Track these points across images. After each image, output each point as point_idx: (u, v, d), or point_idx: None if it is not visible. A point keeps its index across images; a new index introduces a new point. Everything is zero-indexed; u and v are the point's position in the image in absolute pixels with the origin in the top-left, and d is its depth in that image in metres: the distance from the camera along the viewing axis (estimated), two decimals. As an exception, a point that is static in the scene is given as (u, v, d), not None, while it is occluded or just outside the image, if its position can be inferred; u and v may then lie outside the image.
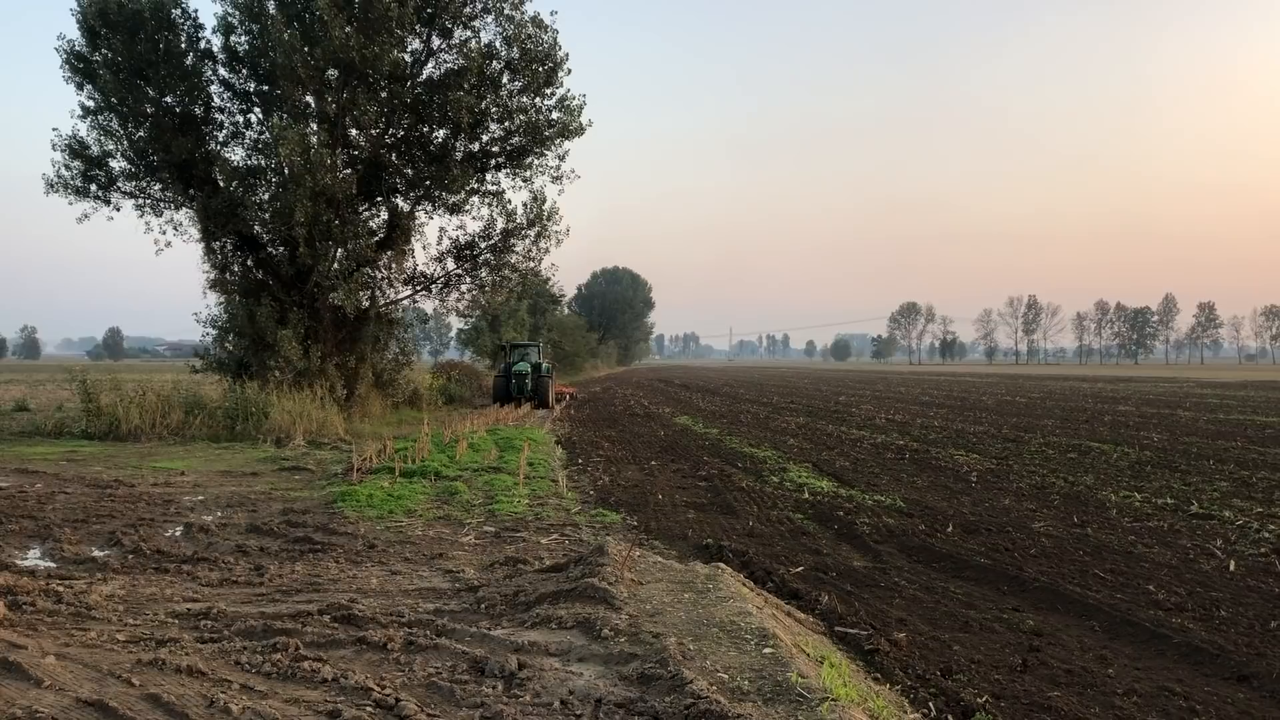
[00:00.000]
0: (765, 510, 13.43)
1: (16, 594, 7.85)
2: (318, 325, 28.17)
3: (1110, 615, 8.11)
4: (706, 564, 9.02)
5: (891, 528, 12.00)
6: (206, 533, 11.29)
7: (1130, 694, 6.39)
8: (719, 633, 6.61)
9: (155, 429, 23.54)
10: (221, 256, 28.67)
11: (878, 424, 29.64)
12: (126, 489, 14.85)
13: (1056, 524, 12.36)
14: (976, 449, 21.79)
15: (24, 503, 13.18)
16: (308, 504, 13.69)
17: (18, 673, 5.77)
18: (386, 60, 26.04)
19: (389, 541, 10.94)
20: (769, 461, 19.21)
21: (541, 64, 27.78)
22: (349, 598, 7.83)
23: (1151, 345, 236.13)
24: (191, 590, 8.51)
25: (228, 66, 28.64)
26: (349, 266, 27.60)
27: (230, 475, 16.99)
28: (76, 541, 10.65)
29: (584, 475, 17.23)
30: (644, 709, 5.26)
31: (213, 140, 28.60)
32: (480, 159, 29.31)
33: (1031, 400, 44.99)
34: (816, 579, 9.37)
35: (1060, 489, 15.42)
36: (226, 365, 29.17)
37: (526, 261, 30.88)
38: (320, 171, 25.43)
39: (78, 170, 27.80)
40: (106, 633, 6.91)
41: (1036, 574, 9.54)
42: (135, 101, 26.59)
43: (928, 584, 9.35)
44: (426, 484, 15.46)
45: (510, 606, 7.52)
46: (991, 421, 30.62)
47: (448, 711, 5.37)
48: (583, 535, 11.41)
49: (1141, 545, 11.00)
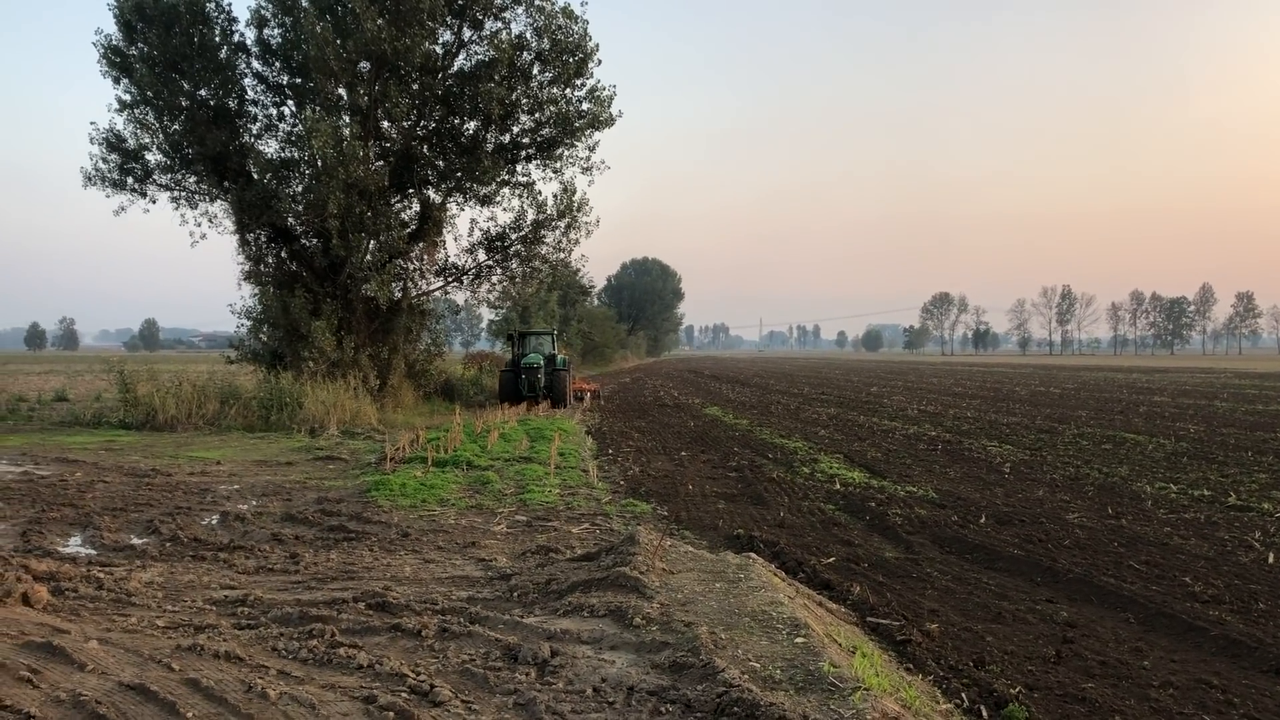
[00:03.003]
0: (796, 501, 13.41)
1: (59, 580, 7.99)
2: (351, 316, 28.37)
3: (1145, 607, 8.05)
4: (738, 554, 9.03)
5: (924, 519, 11.95)
6: (242, 521, 11.43)
7: (1166, 686, 6.34)
8: (750, 622, 6.62)
9: (191, 419, 23.83)
10: (256, 248, 28.93)
11: (910, 415, 29.50)
12: (164, 478, 15.05)
13: (1091, 515, 12.26)
14: (1010, 440, 21.64)
15: (65, 491, 13.40)
16: (342, 493, 13.81)
17: (62, 657, 5.88)
18: (418, 52, 26.16)
19: (422, 530, 11.02)
20: (800, 452, 19.17)
21: (572, 55, 27.81)
22: (383, 585, 7.91)
23: (1188, 335, 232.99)
24: (228, 577, 8.62)
25: (261, 59, 28.88)
26: (381, 258, 27.76)
27: (265, 465, 17.17)
28: (116, 529, 10.81)
29: (614, 465, 17.27)
30: (676, 697, 5.28)
31: (246, 133, 28.85)
32: (511, 150, 29.40)
33: (1065, 391, 44.58)
34: (848, 570, 9.35)
35: (1095, 480, 15.29)
36: (261, 356, 29.47)
37: (557, 253, 30.99)
38: (353, 164, 25.59)
39: (115, 163, 28.15)
40: (146, 618, 7.02)
41: (1070, 565, 9.47)
42: (170, 95, 26.86)
43: (960, 575, 9.31)
44: (459, 473, 15.55)
45: (542, 595, 7.56)
46: (1025, 412, 30.38)
47: (481, 698, 5.42)
48: (613, 525, 11.44)
49: (1178, 537, 10.89)
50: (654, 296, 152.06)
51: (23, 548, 9.69)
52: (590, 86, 28.54)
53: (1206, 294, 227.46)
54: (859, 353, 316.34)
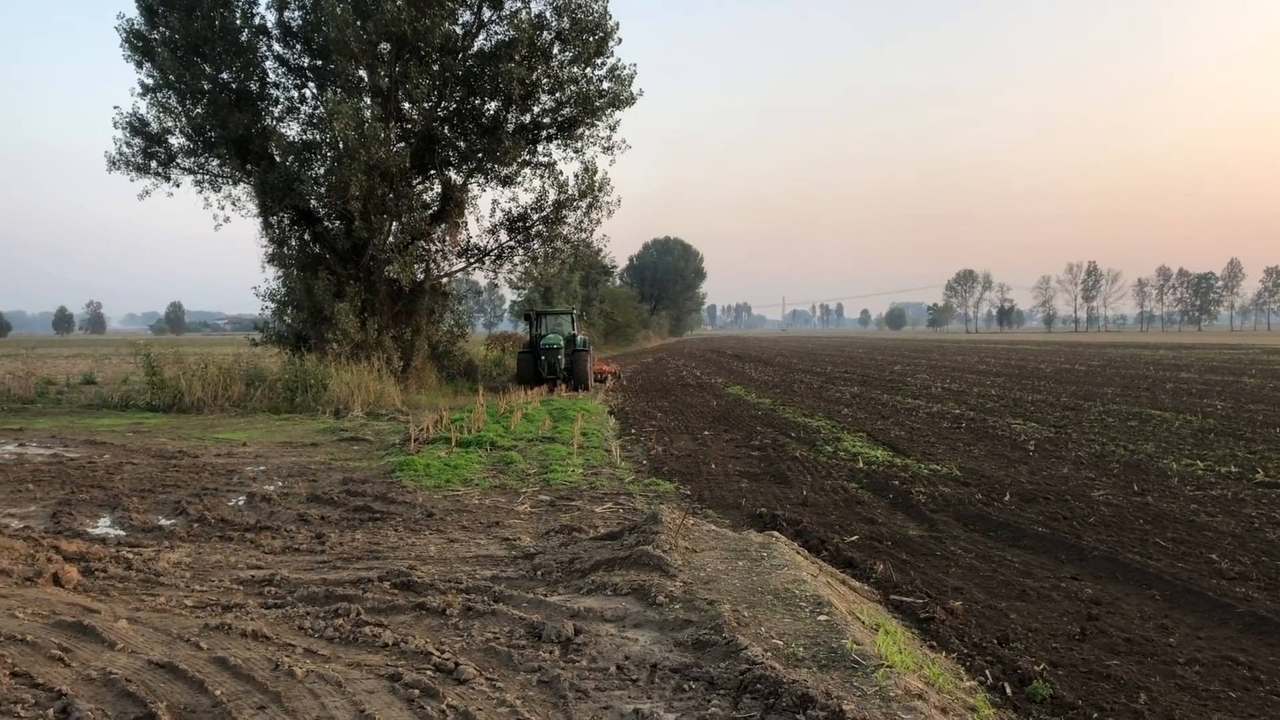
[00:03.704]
0: (819, 480, 13.39)
1: (89, 560, 8.10)
2: (374, 298, 28.48)
3: (1171, 584, 8.00)
4: (760, 532, 9.03)
5: (947, 497, 11.91)
6: (268, 502, 11.53)
7: (1192, 663, 6.30)
8: (773, 600, 6.62)
9: (217, 401, 24.04)
10: (279, 231, 29.07)
11: (933, 393, 29.37)
12: (190, 459, 15.19)
13: (1116, 493, 12.18)
14: (1034, 417, 21.51)
15: (93, 473, 13.56)
16: (367, 474, 13.91)
17: (93, 635, 5.96)
18: (438, 33, 26.13)
19: (446, 510, 11.09)
20: (823, 431, 19.13)
21: (592, 33, 27.70)
22: (408, 565, 7.97)
23: (1215, 311, 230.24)
24: (255, 558, 8.70)
25: (282, 42, 28.92)
26: (404, 239, 27.82)
27: (290, 446, 17.30)
28: (144, 510, 10.93)
29: (637, 445, 17.30)
30: (699, 675, 5.30)
31: (268, 116, 28.94)
32: (531, 130, 29.35)
33: (1091, 368, 44.25)
34: (871, 548, 9.34)
35: (1120, 457, 15.19)
36: (285, 338, 29.65)
37: (578, 233, 30.94)
38: (374, 145, 25.64)
39: (138, 147, 28.31)
40: (175, 598, 7.11)
41: (1095, 543, 9.42)
42: (192, 78, 26.96)
43: (984, 553, 9.28)
44: (482, 454, 15.62)
45: (566, 573, 7.60)
46: (1050, 390, 30.18)
47: (506, 676, 5.46)
48: (636, 504, 11.47)
49: (1204, 514, 10.81)
50: (676, 276, 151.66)
51: (53, 529, 9.82)
52: (611, 65, 28.46)
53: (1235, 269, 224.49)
54: (882, 331, 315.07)
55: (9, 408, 24.50)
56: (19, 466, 14.14)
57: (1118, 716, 5.45)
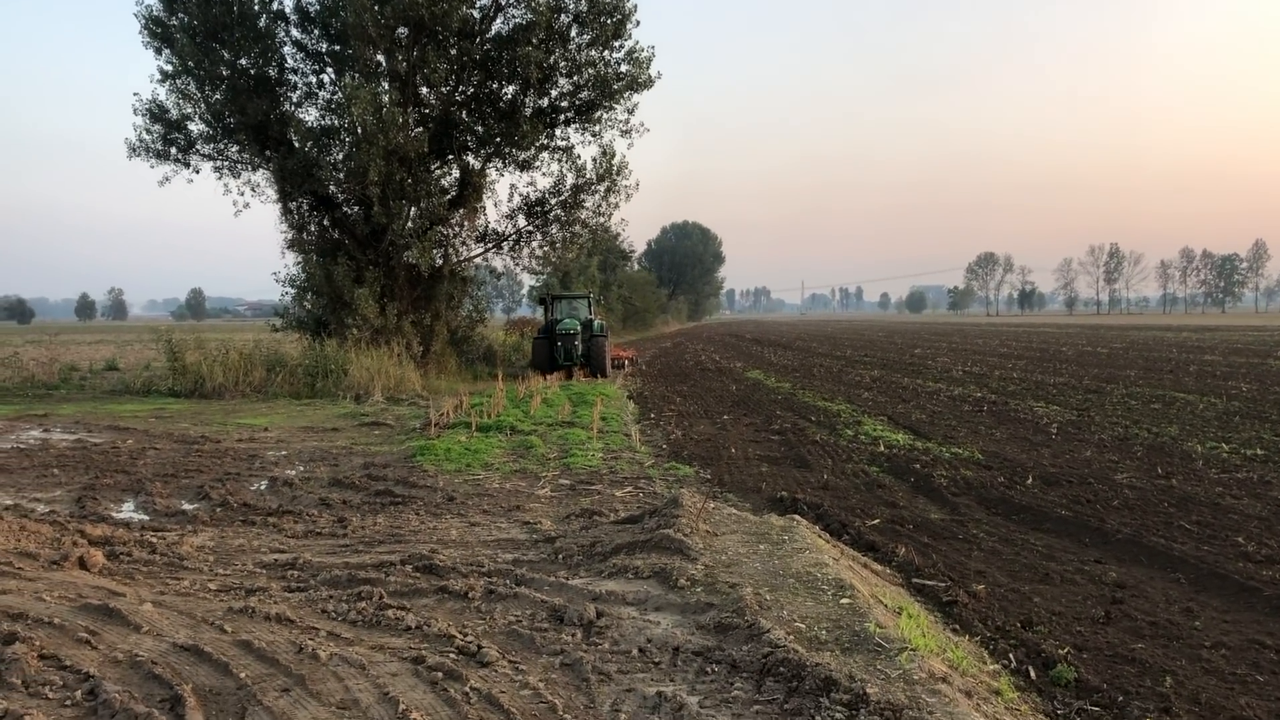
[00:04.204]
0: (840, 463, 13.35)
1: (114, 544, 8.16)
2: (393, 283, 28.54)
3: (1197, 567, 7.94)
4: (781, 516, 9.01)
5: (969, 480, 11.85)
6: (290, 486, 11.59)
7: (1218, 647, 6.25)
8: (795, 583, 6.61)
9: (238, 386, 24.17)
10: (298, 216, 29.13)
11: (954, 376, 29.23)
12: (213, 445, 15.28)
13: (1140, 475, 12.09)
14: (1056, 400, 21.38)
15: (117, 458, 13.66)
16: (388, 458, 13.95)
17: (118, 619, 6.01)
18: (455, 17, 26.07)
19: (467, 494, 11.12)
20: (843, 415, 19.07)
21: (610, 16, 27.58)
22: (430, 548, 7.99)
23: (1240, 293, 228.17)
24: (278, 541, 8.75)
25: (300, 27, 28.93)
26: (422, 225, 27.85)
27: (312, 431, 17.38)
28: (167, 495, 11.01)
29: (656, 430, 17.29)
30: (721, 658, 5.30)
31: (287, 101, 28.96)
32: (549, 114, 29.28)
33: (1113, 351, 43.94)
34: (893, 531, 9.30)
35: (1144, 440, 15.08)
36: (305, 324, 29.77)
37: (596, 217, 30.85)
38: (392, 130, 25.64)
39: (158, 134, 28.39)
40: (198, 582, 7.15)
41: (1119, 526, 9.36)
42: (211, 64, 27.00)
43: (1007, 536, 9.24)
44: (502, 438, 15.65)
45: (587, 557, 7.60)
46: (1072, 372, 29.99)
47: (528, 658, 5.47)
48: (656, 488, 11.46)
49: (1230, 497, 10.72)
50: (694, 260, 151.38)
51: (78, 513, 9.90)
52: (629, 48, 28.32)
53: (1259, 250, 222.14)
54: (902, 314, 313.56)
55: (33, 393, 24.72)
56: (44, 452, 14.27)
57: (1143, 700, 5.41)
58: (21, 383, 26.64)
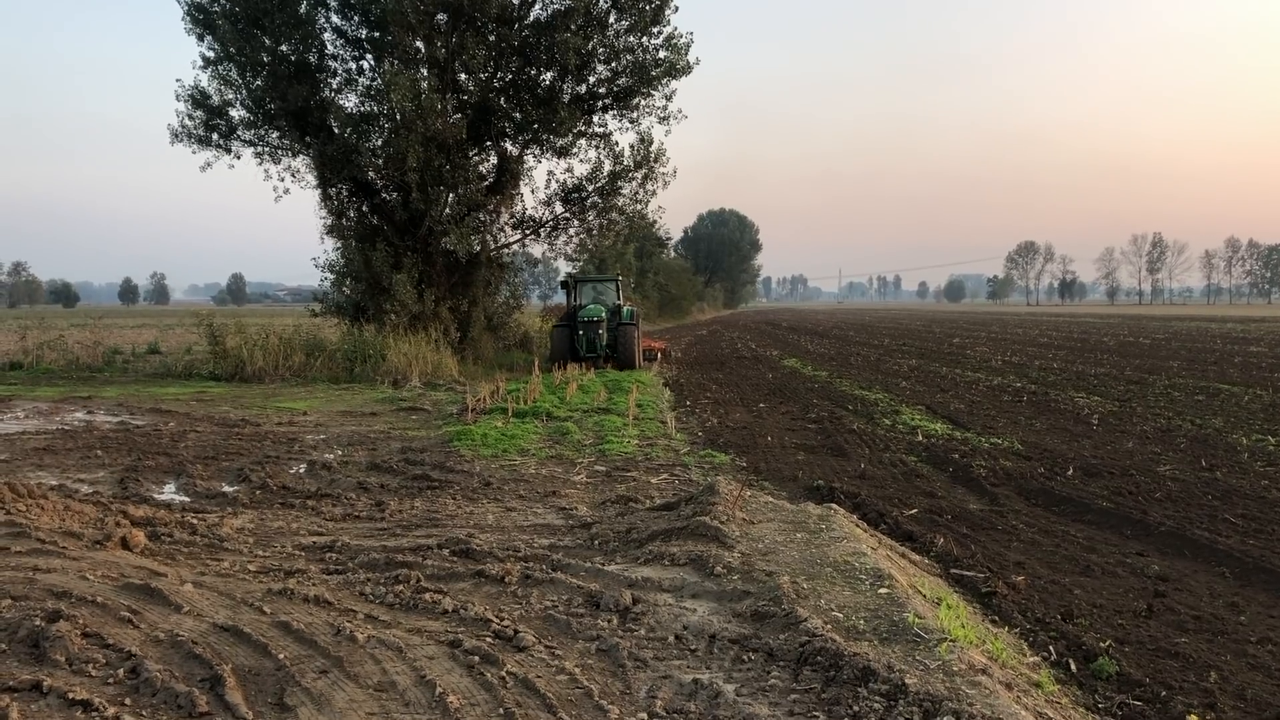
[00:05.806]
0: (877, 453, 13.26)
1: (155, 525, 8.26)
2: (431, 269, 28.64)
3: (1242, 561, 7.80)
4: (818, 505, 8.96)
5: (1009, 470, 11.72)
6: (329, 470, 11.68)
7: (1264, 642, 6.15)
8: (833, 572, 6.57)
9: (278, 370, 24.40)
10: (337, 202, 29.28)
11: (994, 366, 28.94)
12: (252, 428, 15.44)
13: (1183, 467, 11.91)
14: (1098, 391, 21.11)
15: (159, 440, 13.83)
16: (425, 443, 14.03)
17: (160, 599, 6.08)
18: (494, 3, 26.07)
19: (503, 479, 11.15)
20: (880, 404, 18.94)
21: (648, 2, 27.45)
22: (467, 533, 8.02)
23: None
24: (316, 524, 8.82)
25: (340, 13, 29.01)
26: (460, 211, 27.90)
27: (350, 415, 17.50)
28: (208, 477, 11.13)
29: (692, 417, 17.25)
30: (758, 646, 5.27)
31: (326, 87, 29.06)
32: (587, 101, 29.20)
33: (1156, 341, 43.31)
34: (931, 521, 9.22)
35: (1187, 432, 14.85)
36: (344, 309, 29.95)
37: (633, 204, 30.72)
38: (431, 117, 25.69)
39: (200, 120, 28.59)
40: (238, 563, 7.22)
41: (1162, 518, 9.22)
42: (252, 51, 27.15)
43: (1046, 527, 9.13)
44: (538, 424, 15.68)
45: (623, 543, 7.59)
46: (1113, 363, 29.60)
47: (564, 643, 5.47)
48: (692, 475, 11.44)
49: (1276, 490, 10.52)
50: (731, 248, 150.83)
51: (121, 494, 10.03)
52: (667, 34, 28.15)
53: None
54: (941, 303, 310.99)
55: (78, 376, 25.11)
56: (88, 433, 14.47)
57: (1187, 695, 5.33)
58: (66, 365, 27.04)
